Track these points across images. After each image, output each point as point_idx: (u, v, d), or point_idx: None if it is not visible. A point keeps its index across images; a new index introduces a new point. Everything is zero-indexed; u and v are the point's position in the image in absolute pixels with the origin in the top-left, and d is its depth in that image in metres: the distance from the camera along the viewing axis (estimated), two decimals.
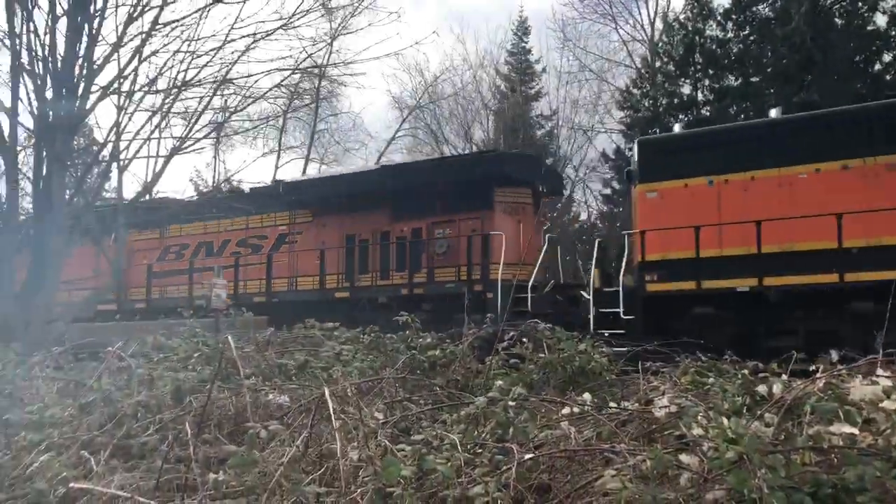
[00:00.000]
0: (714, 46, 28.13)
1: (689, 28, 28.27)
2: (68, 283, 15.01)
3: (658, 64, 30.59)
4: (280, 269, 17.89)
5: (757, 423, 3.55)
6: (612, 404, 4.64)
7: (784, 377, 4.44)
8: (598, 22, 35.20)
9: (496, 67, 36.27)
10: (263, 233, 18.50)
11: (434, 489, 3.44)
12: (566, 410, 4.63)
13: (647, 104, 30.18)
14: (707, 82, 28.63)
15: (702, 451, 3.08)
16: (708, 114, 28.04)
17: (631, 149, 27.19)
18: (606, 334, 10.04)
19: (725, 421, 3.35)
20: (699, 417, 3.52)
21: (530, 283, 14.17)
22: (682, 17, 29.03)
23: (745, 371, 4.69)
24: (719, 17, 28.13)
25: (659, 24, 31.40)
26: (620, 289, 13.23)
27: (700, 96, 28.84)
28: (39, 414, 5.63)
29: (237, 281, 18.02)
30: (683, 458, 3.14)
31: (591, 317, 13.15)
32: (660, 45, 31.08)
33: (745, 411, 3.95)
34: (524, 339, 7.25)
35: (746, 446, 2.85)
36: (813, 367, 4.36)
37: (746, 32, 27.82)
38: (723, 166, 12.99)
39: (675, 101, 28.82)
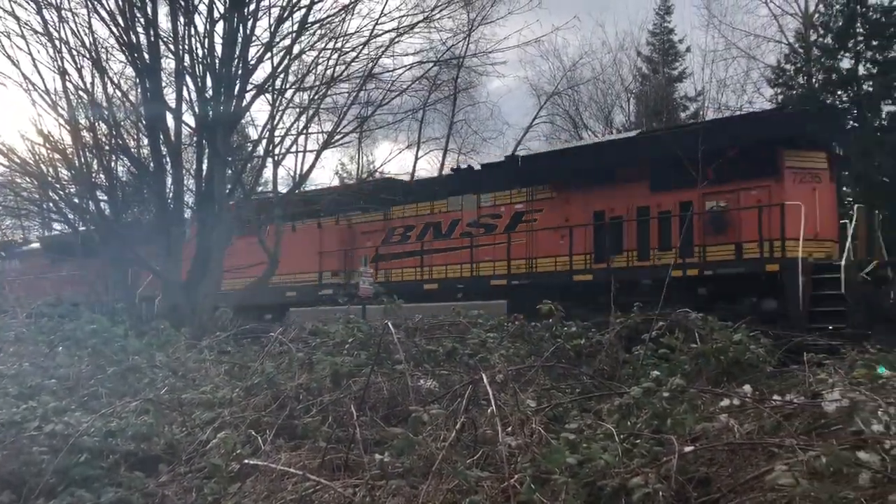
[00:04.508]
0: (878, 15, 26.04)
1: None
2: (230, 272, 15.93)
3: (814, 37, 28.67)
4: (517, 250, 16.21)
5: None
6: (775, 397, 4.43)
7: None
8: None
9: (637, 49, 35.22)
10: (497, 211, 17.05)
11: (591, 478, 3.42)
12: (725, 402, 4.47)
13: (801, 80, 28.39)
14: (869, 55, 26.58)
15: (884, 449, 2.88)
16: (870, 89, 26.02)
17: None
18: None
19: None
20: (879, 413, 3.30)
21: (843, 263, 11.97)
22: None
23: None
24: None
25: None
26: None
27: (861, 70, 26.81)
28: (211, 394, 6.05)
29: (472, 263, 16.79)
30: (862, 455, 2.95)
31: None
32: (816, 16, 29.12)
33: None
34: (674, 329, 7.04)
35: None
36: None
37: None
38: None
39: (833, 76, 26.93)
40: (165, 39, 14.81)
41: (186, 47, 14.65)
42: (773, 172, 13.30)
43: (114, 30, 14.23)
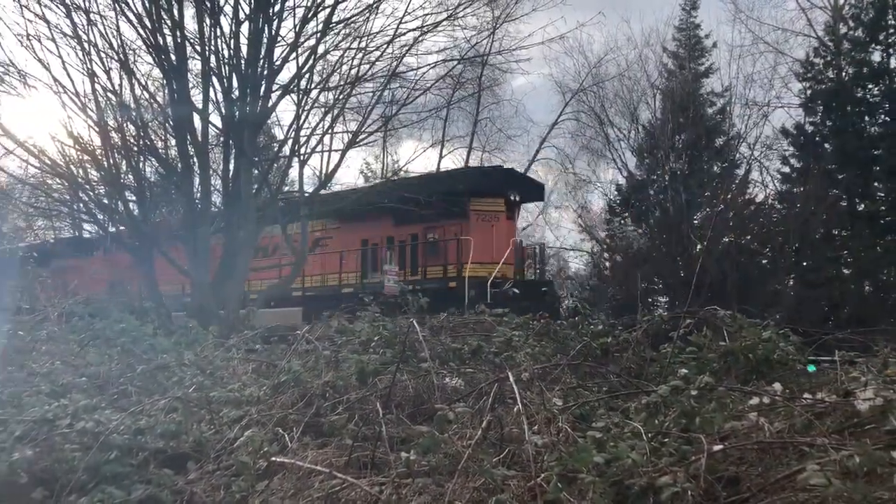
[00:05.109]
0: None
1: None
2: (256, 271, 16.27)
3: (844, 30, 28.20)
4: (313, 268, 20.34)
5: None
6: (806, 395, 4.36)
7: None
8: None
9: (663, 45, 34.75)
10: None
11: (619, 477, 3.39)
12: (754, 401, 4.41)
13: (831, 74, 27.95)
14: None
15: None
16: None
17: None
18: None
19: None
20: None
21: (490, 280, 16.65)
22: None
23: None
24: None
25: None
26: None
27: (893, 63, 26.34)
28: (239, 392, 6.09)
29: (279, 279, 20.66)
30: None
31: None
32: (846, 8, 28.66)
33: None
34: (703, 327, 6.97)
35: None
36: None
37: None
38: None
39: (864, 69, 26.48)
40: (192, 41, 14.94)
41: (212, 48, 14.77)
42: (463, 214, 18.54)
43: (141, 32, 14.38)
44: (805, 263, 25.34)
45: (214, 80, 14.97)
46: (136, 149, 15.72)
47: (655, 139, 32.04)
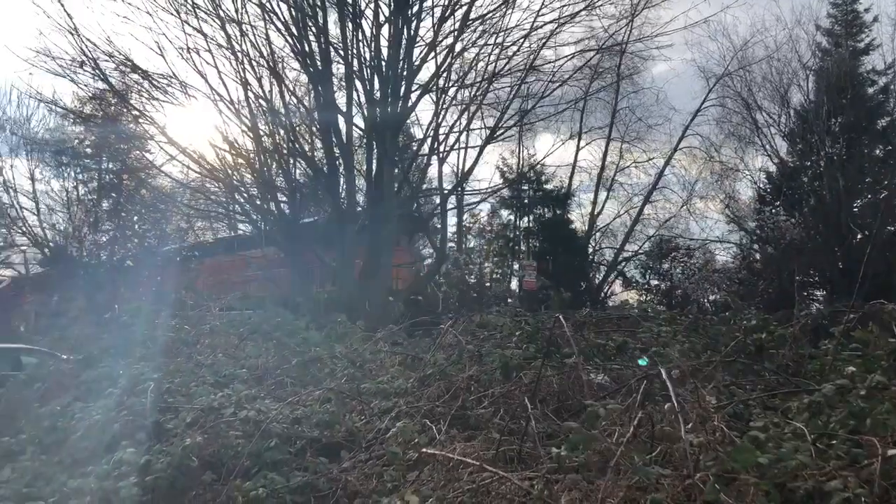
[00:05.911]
0: None
1: None
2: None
3: None
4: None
5: None
6: None
7: None
8: None
9: (816, 23, 32.52)
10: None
11: (781, 479, 3.22)
12: None
13: None
14: None
15: None
16: None
17: None
18: None
19: None
20: None
21: None
22: None
23: None
24: None
25: None
26: None
27: None
28: (387, 384, 6.27)
29: None
30: None
31: None
32: None
33: None
34: (868, 322, 6.50)
35: None
36: None
37: None
38: None
39: None
40: (335, 45, 15.52)
41: (354, 52, 15.28)
42: None
43: (288, 39, 15.10)
44: None
45: (357, 82, 15.50)
46: (285, 151, 16.50)
47: (809, 123, 30.12)
